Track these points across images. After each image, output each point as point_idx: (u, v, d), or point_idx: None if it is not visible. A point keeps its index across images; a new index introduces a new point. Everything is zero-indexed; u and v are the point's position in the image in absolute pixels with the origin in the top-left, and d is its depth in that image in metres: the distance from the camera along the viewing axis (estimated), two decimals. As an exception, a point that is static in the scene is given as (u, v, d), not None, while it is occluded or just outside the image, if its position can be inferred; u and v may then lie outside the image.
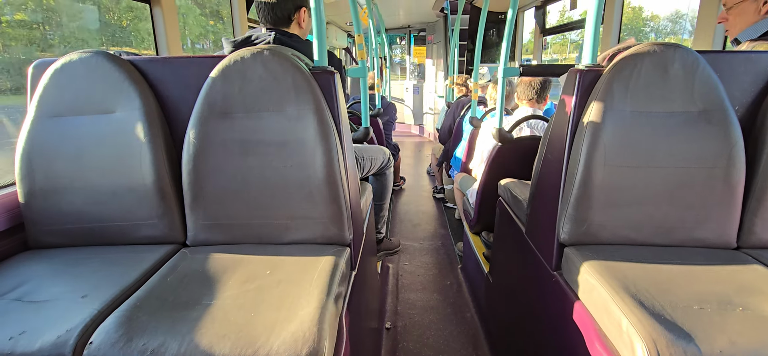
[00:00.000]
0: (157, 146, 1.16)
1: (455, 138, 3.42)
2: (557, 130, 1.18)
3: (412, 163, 5.80)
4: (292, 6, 1.38)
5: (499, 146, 1.92)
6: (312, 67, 1.14)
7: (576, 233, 1.09)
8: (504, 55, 1.87)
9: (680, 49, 1.02)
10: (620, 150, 1.03)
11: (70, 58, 1.16)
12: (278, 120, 1.09)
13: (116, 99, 1.16)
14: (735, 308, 0.81)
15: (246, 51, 1.10)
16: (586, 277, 0.96)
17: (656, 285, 0.89)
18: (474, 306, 2.19)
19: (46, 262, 1.08)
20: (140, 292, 0.91)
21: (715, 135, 1.02)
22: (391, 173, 2.34)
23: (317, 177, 1.09)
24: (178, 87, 1.21)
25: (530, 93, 2.16)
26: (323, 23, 1.15)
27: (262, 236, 1.15)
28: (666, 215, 1.06)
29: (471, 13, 5.30)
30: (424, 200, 4.18)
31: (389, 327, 2.03)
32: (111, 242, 1.19)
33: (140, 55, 1.24)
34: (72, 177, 1.16)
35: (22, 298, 0.90)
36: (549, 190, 1.19)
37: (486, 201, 2.03)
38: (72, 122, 1.16)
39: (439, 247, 3.02)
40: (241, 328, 0.78)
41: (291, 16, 1.40)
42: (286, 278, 0.95)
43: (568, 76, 1.13)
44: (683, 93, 1.02)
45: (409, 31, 8.49)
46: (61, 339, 0.77)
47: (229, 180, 1.12)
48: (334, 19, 6.64)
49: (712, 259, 1.01)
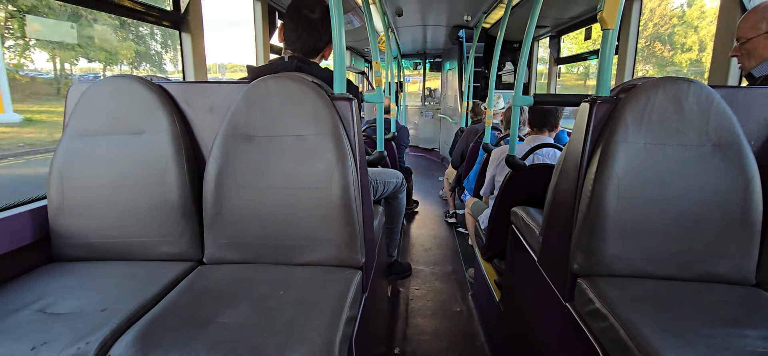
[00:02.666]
0: (180, 166, 1.20)
1: (468, 163, 3.42)
2: (570, 159, 1.18)
3: (424, 187, 5.80)
4: (327, 40, 1.42)
5: (512, 173, 1.92)
6: (331, 94, 1.18)
7: (589, 264, 1.08)
8: (517, 83, 1.90)
9: (694, 83, 1.03)
10: (634, 182, 1.03)
11: (104, 82, 1.23)
12: (298, 144, 1.13)
13: (145, 121, 1.22)
14: (754, 348, 0.79)
15: (269, 78, 1.16)
16: (600, 309, 0.95)
17: (671, 320, 0.87)
18: (484, 335, 2.15)
19: (70, 275, 1.12)
20: (158, 308, 0.94)
21: (731, 169, 1.01)
22: (403, 196, 2.35)
23: (333, 200, 1.12)
24: (203, 110, 1.27)
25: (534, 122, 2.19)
26: (343, 53, 1.19)
27: (277, 256, 1.17)
28: (681, 249, 1.05)
29: (486, 41, 5.39)
30: (436, 224, 4.17)
31: (398, 353, 2.00)
32: (132, 257, 1.23)
33: (169, 80, 1.30)
34: (99, 193, 1.21)
35: (45, 310, 0.93)
36: (562, 219, 1.19)
37: (498, 228, 2.02)
38: (103, 140, 1.22)
39: (449, 273, 2.99)
40: (254, 348, 0.79)
41: (323, 49, 1.44)
42: (299, 299, 0.97)
43: (581, 107, 1.15)
44: (698, 127, 1.03)
45: (425, 58, 8.63)
46: (81, 351, 0.79)
47: (247, 201, 1.16)
48: (352, 45, 6.82)
49: (730, 295, 0.98)
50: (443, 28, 5.50)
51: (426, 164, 7.70)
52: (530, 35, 1.89)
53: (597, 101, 1.09)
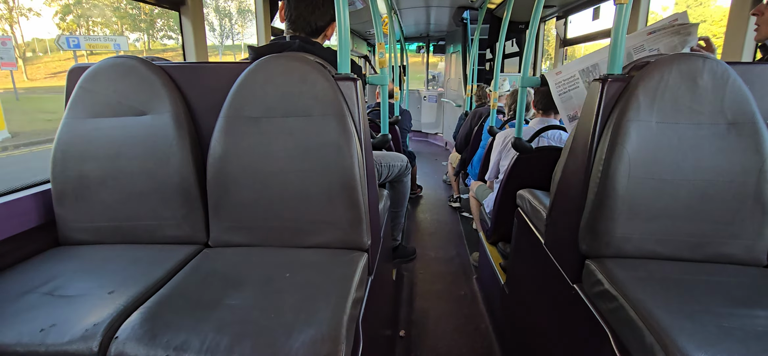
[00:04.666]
0: (184, 149, 1.19)
1: (472, 147, 3.40)
2: (580, 139, 1.16)
3: (428, 171, 5.78)
4: (329, 19, 1.40)
5: (518, 156, 1.90)
6: (335, 74, 1.16)
7: (598, 246, 1.07)
8: (524, 65, 1.86)
9: (709, 60, 1.00)
10: (646, 162, 1.01)
11: (105, 63, 1.21)
12: (302, 125, 1.12)
13: (147, 102, 1.20)
14: (766, 328, 0.78)
15: (271, 57, 1.13)
16: (608, 290, 0.94)
17: (682, 300, 0.86)
18: (489, 317, 2.16)
19: (76, 258, 1.12)
20: (164, 290, 0.94)
21: (746, 148, 0.99)
22: (408, 180, 2.34)
23: (338, 182, 1.11)
24: (205, 92, 1.25)
25: (539, 104, 2.16)
26: (348, 33, 1.17)
27: (283, 239, 1.17)
28: (693, 230, 1.03)
29: (491, 23, 5.29)
30: (441, 208, 4.16)
31: (403, 335, 2.02)
32: (137, 240, 1.23)
33: (170, 62, 1.28)
34: (103, 177, 1.21)
35: (53, 292, 0.93)
36: (570, 201, 1.18)
37: (503, 211, 2.01)
38: (105, 123, 1.21)
39: (454, 256, 2.99)
40: (262, 330, 0.79)
41: (325, 28, 1.42)
42: (306, 281, 0.97)
43: (592, 85, 1.12)
44: (712, 105, 1.00)
45: (429, 41, 8.51)
46: (89, 333, 0.80)
47: (252, 183, 1.15)
48: (355, 27, 6.73)
49: (742, 276, 0.97)
50: (447, 10, 5.40)
51: (430, 149, 7.66)
52: (538, 16, 1.85)
53: (608, 78, 1.06)
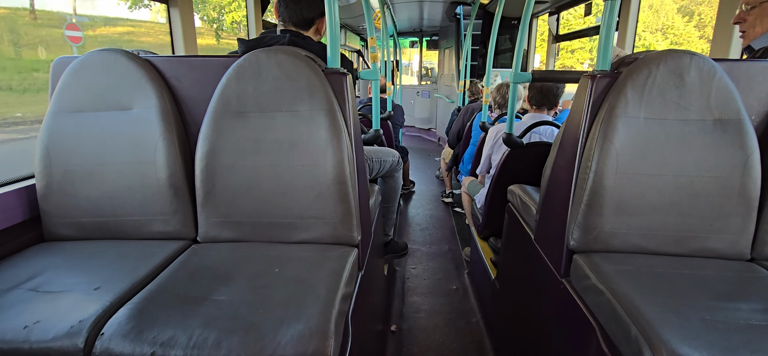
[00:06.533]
0: (171, 143, 1.18)
1: (465, 143, 3.40)
2: (569, 135, 1.17)
3: (421, 167, 5.79)
4: (318, 12, 1.39)
5: (509, 151, 1.91)
6: (325, 69, 1.15)
7: (586, 241, 1.08)
8: (516, 61, 1.87)
9: (696, 56, 1.01)
10: (633, 157, 1.02)
11: (89, 56, 1.19)
12: (291, 120, 1.11)
13: (133, 96, 1.18)
14: (747, 321, 0.79)
15: (261, 51, 1.12)
16: (595, 284, 0.95)
17: (666, 294, 0.87)
18: (480, 312, 2.18)
19: (61, 254, 1.10)
20: (151, 286, 0.93)
21: (731, 144, 1.00)
22: (399, 175, 2.34)
23: (327, 177, 1.10)
24: (193, 86, 1.23)
25: (533, 99, 2.17)
26: (337, 27, 1.16)
27: (272, 234, 1.16)
28: (678, 225, 1.05)
29: (484, 18, 5.29)
30: (433, 204, 4.17)
31: (394, 330, 2.02)
32: (124, 236, 1.21)
33: (157, 55, 1.26)
34: (89, 171, 1.19)
35: (37, 288, 0.92)
36: (559, 196, 1.18)
37: (494, 206, 2.02)
38: (90, 117, 1.19)
39: (446, 251, 3.01)
40: (250, 325, 0.79)
41: (314, 21, 1.41)
42: (295, 276, 0.96)
43: (581, 82, 1.12)
44: (699, 101, 1.01)
45: (421, 36, 8.49)
46: (74, 329, 0.79)
47: (240, 178, 1.14)
48: (348, 22, 6.69)
49: (725, 270, 0.99)
50: (440, 5, 5.39)
51: (423, 145, 7.67)
52: (529, 11, 1.85)
53: (597, 75, 1.07)
